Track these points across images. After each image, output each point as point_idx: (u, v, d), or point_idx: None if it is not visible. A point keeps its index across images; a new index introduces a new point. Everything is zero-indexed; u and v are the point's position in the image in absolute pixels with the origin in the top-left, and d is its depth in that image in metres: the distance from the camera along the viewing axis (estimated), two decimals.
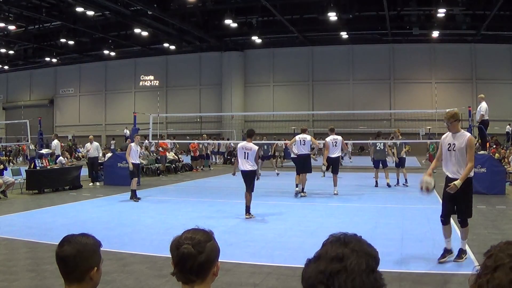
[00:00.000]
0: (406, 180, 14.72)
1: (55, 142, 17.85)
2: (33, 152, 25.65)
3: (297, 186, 12.48)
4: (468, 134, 5.92)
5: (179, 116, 34.87)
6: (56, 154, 16.62)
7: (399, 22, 30.55)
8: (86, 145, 16.97)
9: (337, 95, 36.94)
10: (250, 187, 9.41)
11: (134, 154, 12.46)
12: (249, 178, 9.39)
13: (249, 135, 9.87)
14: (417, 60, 35.96)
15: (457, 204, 5.85)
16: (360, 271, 1.04)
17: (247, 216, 9.22)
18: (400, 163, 14.85)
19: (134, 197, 12.00)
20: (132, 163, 12.23)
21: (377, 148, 14.73)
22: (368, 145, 20.53)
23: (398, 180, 14.84)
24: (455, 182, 5.62)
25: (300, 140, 12.46)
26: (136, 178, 12.55)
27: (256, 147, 9.60)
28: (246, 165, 9.33)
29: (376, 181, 14.59)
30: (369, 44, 36.21)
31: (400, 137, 15.67)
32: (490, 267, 1.27)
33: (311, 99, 38.57)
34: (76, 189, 14.42)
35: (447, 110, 6.20)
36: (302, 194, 12.32)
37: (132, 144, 12.69)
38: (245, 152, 9.36)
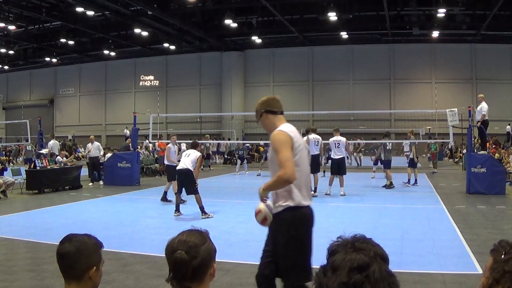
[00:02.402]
0: (416, 180, 14.95)
1: (52, 142, 17.84)
2: (30, 154, 25.72)
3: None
4: (276, 131, 3.49)
5: (179, 116, 34.85)
6: (55, 154, 16.66)
7: (399, 22, 30.55)
8: (87, 145, 16.99)
9: (337, 95, 36.93)
10: (193, 190, 9.36)
11: (173, 156, 12.07)
12: (187, 178, 9.33)
13: (193, 146, 10.02)
14: (417, 60, 35.95)
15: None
16: (382, 278, 1.03)
17: (203, 216, 9.15)
18: (412, 163, 15.02)
19: (165, 199, 11.71)
20: (169, 165, 11.87)
21: (387, 148, 14.83)
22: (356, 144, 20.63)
23: (409, 180, 14.96)
24: (260, 187, 3.45)
25: (315, 141, 12.53)
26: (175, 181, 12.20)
27: (199, 154, 9.84)
28: (185, 163, 9.38)
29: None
30: (369, 44, 36.20)
31: (413, 137, 15.77)
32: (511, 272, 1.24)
33: (311, 99, 38.57)
34: (76, 189, 14.42)
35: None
36: (315, 194, 12.28)
37: (169, 144, 12.58)
38: (188, 154, 9.63)
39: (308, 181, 3.47)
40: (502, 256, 1.44)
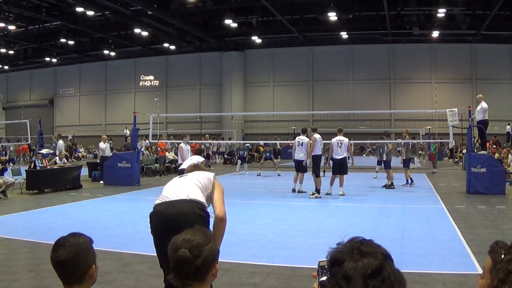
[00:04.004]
0: (411, 179, 14.89)
1: (60, 142, 17.94)
2: (12, 154, 25.83)
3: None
4: None
5: (179, 116, 34.88)
6: (63, 154, 16.94)
7: (399, 22, 30.56)
8: (100, 144, 17.38)
9: (337, 95, 36.95)
10: None
11: (187, 155, 11.79)
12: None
13: (198, 153, 10.34)
14: (417, 60, 35.96)
15: None
16: (395, 277, 1.01)
17: None
18: (406, 163, 14.98)
19: None
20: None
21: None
22: (367, 145, 20.65)
23: (407, 180, 14.94)
24: None
25: (320, 141, 12.59)
26: None
27: (203, 159, 10.41)
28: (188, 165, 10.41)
29: (392, 182, 14.49)
30: (369, 44, 36.21)
31: (408, 137, 15.73)
32: None
33: (311, 99, 38.57)
34: (76, 189, 14.42)
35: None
36: (318, 195, 12.30)
37: (182, 144, 12.58)
38: (192, 158, 10.45)
39: (171, 187, 3.52)
40: (502, 256, 1.44)
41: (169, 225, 3.02)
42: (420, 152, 22.08)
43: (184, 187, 3.43)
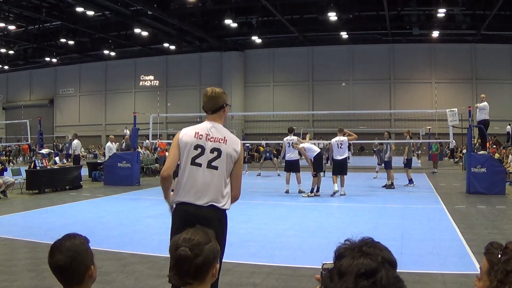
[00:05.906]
0: (411, 179, 14.86)
1: (76, 142, 17.91)
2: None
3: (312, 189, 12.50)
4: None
5: (179, 116, 34.85)
6: (76, 153, 17.15)
7: (399, 22, 30.58)
8: (108, 144, 17.55)
9: (337, 95, 36.95)
10: None
11: None
12: None
13: None
14: (417, 60, 35.97)
15: None
16: (389, 284, 1.01)
17: None
18: (408, 164, 14.98)
19: None
20: None
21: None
22: (374, 145, 20.64)
23: (409, 180, 14.93)
24: None
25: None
26: None
27: None
28: None
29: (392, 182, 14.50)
30: (369, 44, 36.22)
31: (409, 137, 15.74)
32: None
33: (311, 99, 38.57)
34: (76, 189, 14.41)
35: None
36: (310, 194, 12.31)
37: None
38: None
39: (193, 180, 3.41)
40: (499, 256, 1.44)
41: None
42: (417, 152, 22.07)
43: (210, 185, 3.44)
